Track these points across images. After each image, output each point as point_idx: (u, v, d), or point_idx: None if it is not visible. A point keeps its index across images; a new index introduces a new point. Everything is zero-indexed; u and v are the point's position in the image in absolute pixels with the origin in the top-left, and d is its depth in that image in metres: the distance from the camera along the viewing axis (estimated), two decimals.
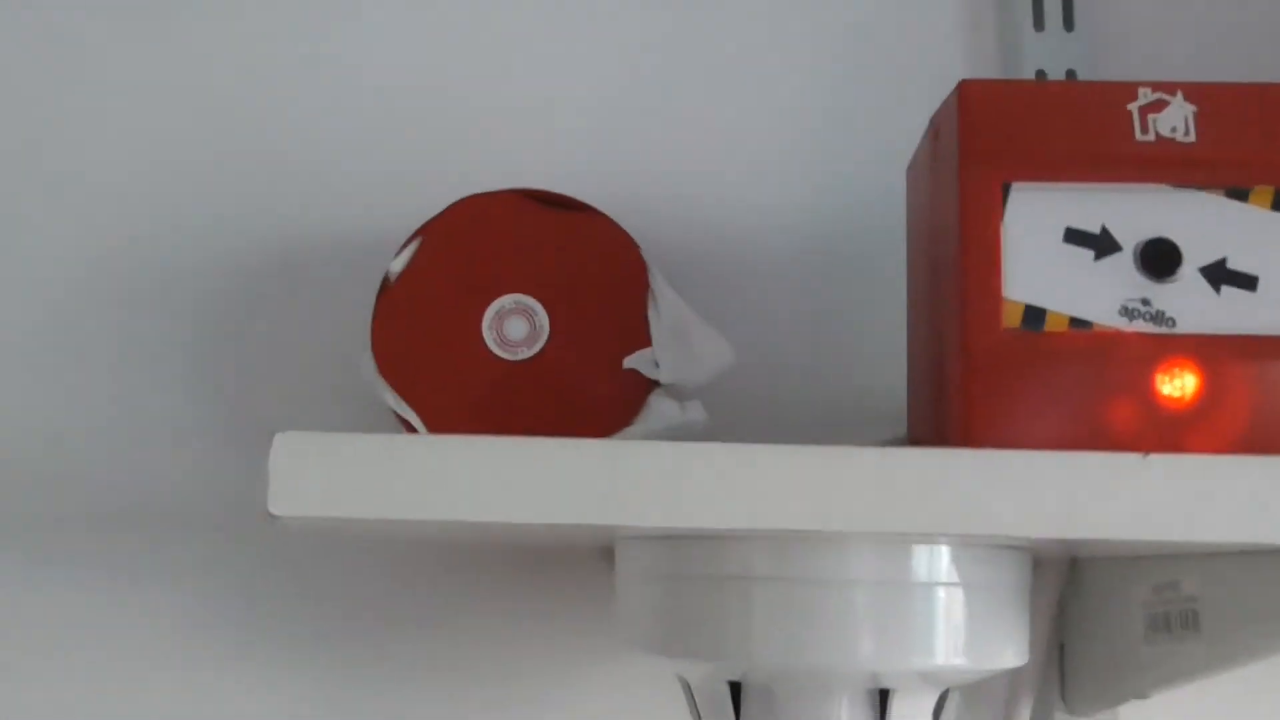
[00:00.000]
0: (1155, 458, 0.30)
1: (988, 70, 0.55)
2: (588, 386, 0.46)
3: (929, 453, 0.32)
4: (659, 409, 0.46)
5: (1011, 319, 0.36)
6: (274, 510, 0.30)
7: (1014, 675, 0.50)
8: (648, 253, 0.47)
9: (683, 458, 0.32)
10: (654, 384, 0.46)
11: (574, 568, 0.50)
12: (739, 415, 0.49)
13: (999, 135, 0.37)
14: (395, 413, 0.46)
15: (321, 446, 0.30)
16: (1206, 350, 0.36)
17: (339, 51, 0.55)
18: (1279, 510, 0.29)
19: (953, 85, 0.42)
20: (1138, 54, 0.56)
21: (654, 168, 0.53)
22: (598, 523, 0.30)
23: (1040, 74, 0.54)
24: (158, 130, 0.54)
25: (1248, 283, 0.37)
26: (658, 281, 0.47)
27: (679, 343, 0.46)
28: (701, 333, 0.47)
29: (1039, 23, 0.55)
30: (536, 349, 0.46)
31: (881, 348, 0.48)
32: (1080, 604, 0.50)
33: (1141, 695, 0.46)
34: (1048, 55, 0.55)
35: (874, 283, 0.50)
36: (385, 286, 0.47)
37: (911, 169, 0.44)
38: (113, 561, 0.51)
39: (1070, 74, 0.54)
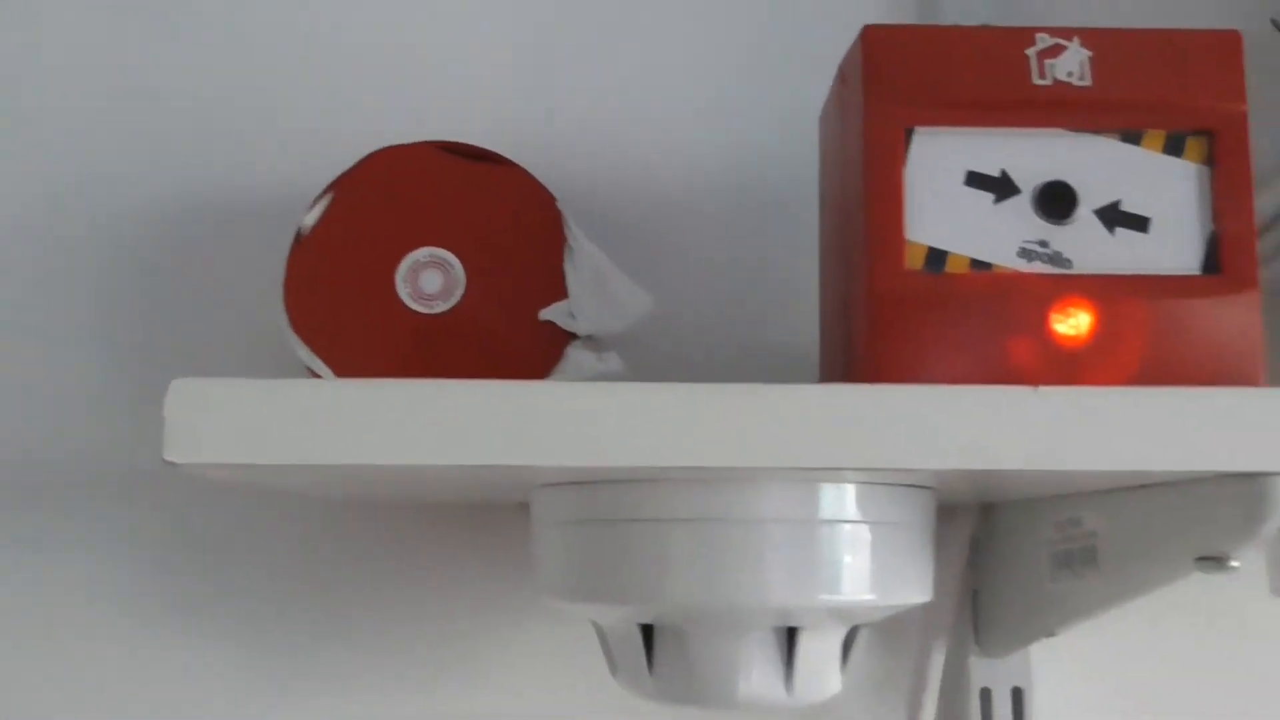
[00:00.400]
0: (1046, 390, 0.30)
1: (903, 20, 0.56)
2: (505, 339, 0.46)
3: (832, 388, 0.32)
4: (576, 360, 0.46)
5: (914, 261, 0.37)
6: (170, 457, 0.30)
7: (927, 618, 0.51)
8: (563, 204, 0.47)
9: (593, 397, 0.32)
10: (571, 335, 0.46)
11: (493, 523, 0.50)
12: (657, 365, 0.49)
13: (902, 80, 0.38)
14: (309, 368, 0.46)
15: (219, 392, 0.30)
16: (1101, 289, 0.37)
17: (253, 4, 0.54)
18: (1164, 439, 0.30)
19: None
20: (1049, 7, 0.56)
21: (568, 118, 0.53)
22: (506, 463, 0.30)
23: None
24: (62, 85, 0.53)
25: (1140, 224, 0.37)
26: (574, 233, 0.47)
27: (596, 293, 0.47)
28: (618, 283, 0.47)
29: None
30: (452, 302, 0.46)
31: (798, 296, 0.48)
32: (991, 547, 0.51)
33: (1049, 633, 0.47)
34: (962, 9, 0.55)
35: (790, 231, 0.50)
36: (298, 241, 0.47)
37: (822, 117, 0.45)
38: (26, 526, 0.50)
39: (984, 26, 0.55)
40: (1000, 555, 0.50)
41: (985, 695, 0.52)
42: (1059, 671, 0.52)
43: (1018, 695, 0.52)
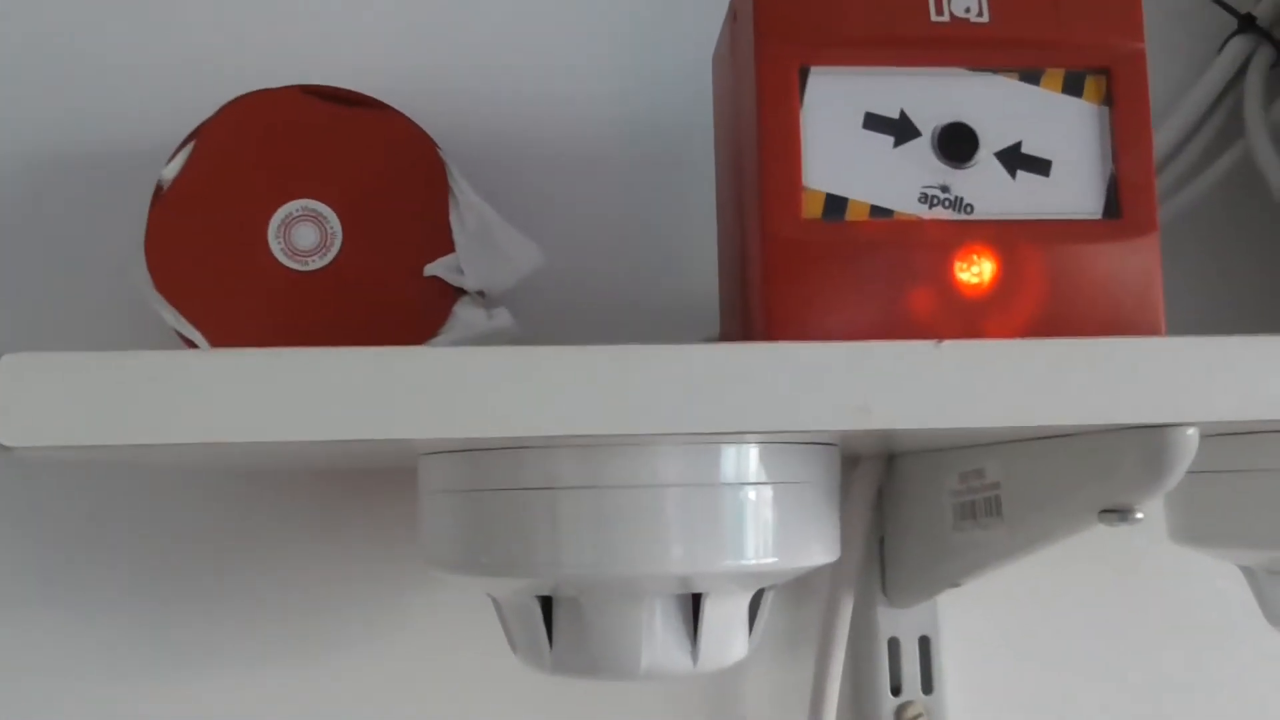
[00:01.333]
0: (948, 344, 0.29)
1: None
2: (388, 296, 0.44)
3: (727, 348, 0.30)
4: (465, 317, 0.44)
5: (812, 209, 0.35)
6: (5, 441, 0.27)
7: (835, 570, 0.50)
8: (447, 152, 0.44)
9: (474, 363, 0.30)
10: (459, 291, 0.44)
11: (379, 488, 0.47)
12: (548, 321, 0.47)
13: (795, 17, 0.36)
14: (176, 331, 0.43)
15: (56, 366, 0.27)
16: (1003, 235, 0.36)
17: None
18: (1068, 393, 0.29)
19: None
20: None
21: (450, 61, 0.50)
22: (372, 437, 0.28)
23: None
24: None
25: (1042, 167, 0.36)
26: (459, 183, 0.44)
27: (484, 247, 0.44)
28: (507, 235, 0.44)
29: None
30: (329, 258, 0.44)
31: (693, 247, 0.47)
32: (897, 497, 0.50)
33: (955, 583, 0.47)
34: None
35: (685, 180, 0.48)
36: (158, 195, 0.43)
37: (715, 58, 0.43)
38: None
39: None
40: (905, 506, 0.49)
41: (894, 645, 0.51)
42: (965, 620, 0.52)
43: (925, 644, 0.52)
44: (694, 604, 0.36)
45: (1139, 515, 0.33)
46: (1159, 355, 0.30)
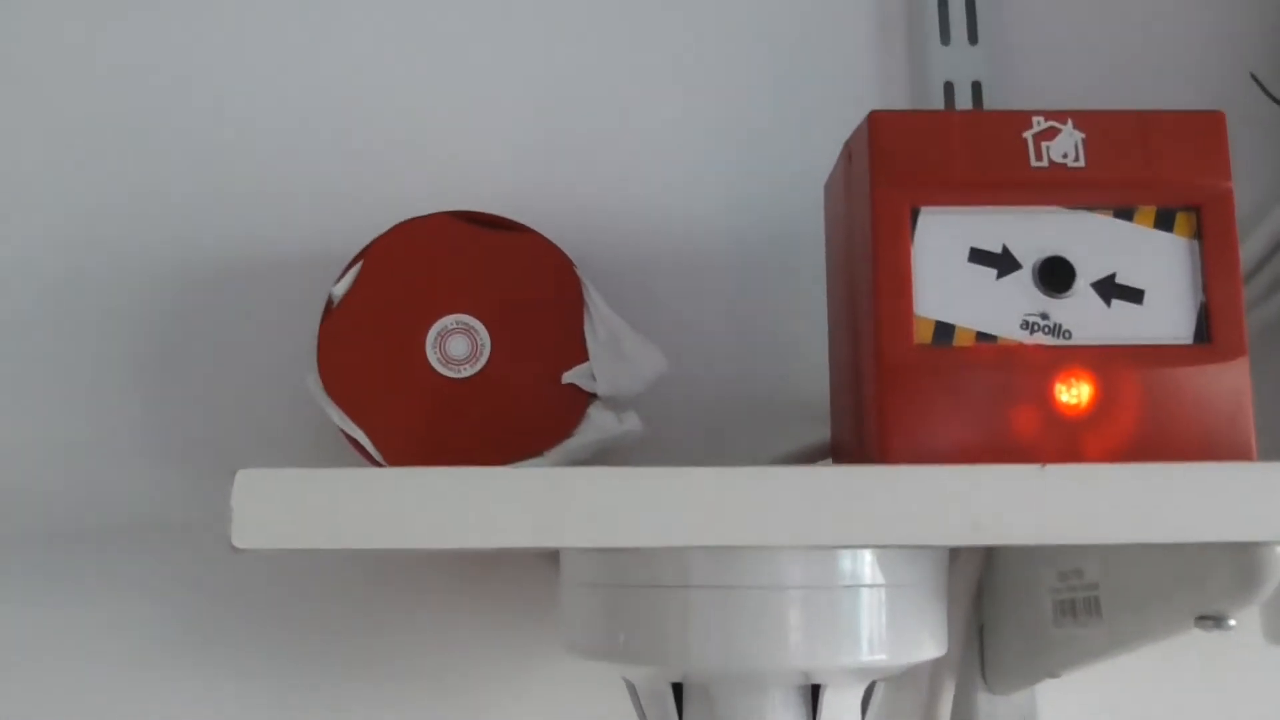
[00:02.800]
0: (1051, 468, 0.33)
1: (898, 83, 0.58)
2: (529, 400, 0.48)
3: (845, 470, 0.34)
4: (598, 420, 0.48)
5: (923, 335, 0.39)
6: (238, 544, 0.32)
7: (936, 660, 0.53)
8: (581, 268, 0.49)
9: (617, 481, 0.34)
10: (592, 396, 0.48)
11: (521, 571, 0.52)
12: (673, 423, 0.51)
13: (907, 163, 0.40)
14: (343, 431, 0.48)
15: (280, 482, 0.32)
16: (1100, 360, 0.39)
17: (288, 75, 0.56)
18: (1162, 513, 0.32)
19: (866, 101, 0.45)
20: (1039, 64, 0.59)
21: (585, 186, 0.55)
22: (545, 545, 0.32)
23: (948, 85, 0.57)
24: (100, 149, 0.55)
25: (1135, 296, 0.40)
26: (592, 296, 0.49)
27: (614, 355, 0.49)
28: (635, 343, 0.49)
29: (945, 37, 0.57)
30: (479, 366, 0.48)
31: (804, 353, 0.50)
32: (997, 589, 0.53)
33: (1054, 674, 0.49)
34: (953, 68, 0.58)
35: (795, 291, 0.53)
36: (329, 309, 0.49)
37: (829, 186, 0.47)
38: (69, 577, 0.52)
39: (976, 85, 0.57)
40: (1005, 597, 0.52)
41: None
42: (1065, 709, 0.54)
43: None
44: (814, 694, 0.39)
45: (1232, 623, 0.35)
46: (1247, 477, 0.33)
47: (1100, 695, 0.54)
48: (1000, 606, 0.53)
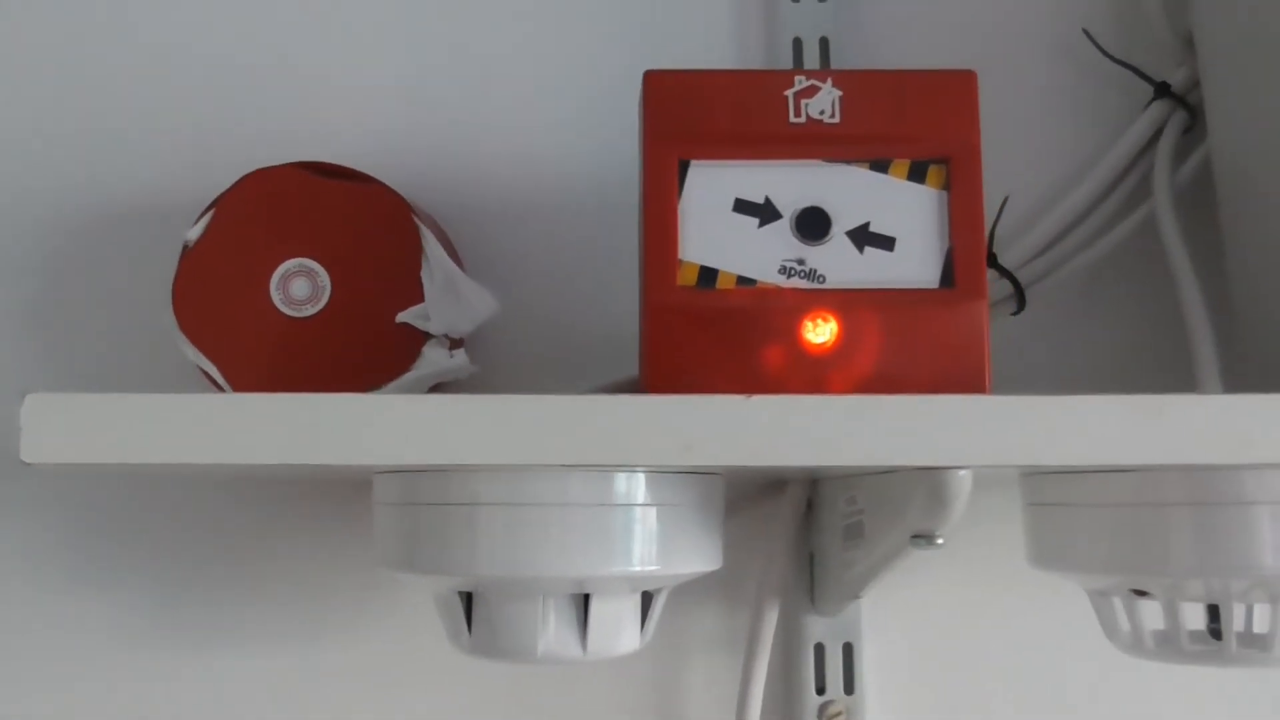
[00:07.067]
0: (756, 399, 0.36)
1: (754, 37, 0.61)
2: (368, 338, 0.52)
3: (602, 399, 0.38)
4: (431, 356, 0.52)
5: (687, 278, 0.43)
6: (25, 459, 0.36)
7: (761, 581, 0.57)
8: (419, 214, 0.53)
9: (418, 407, 0.37)
10: (427, 335, 0.52)
11: (348, 495, 0.56)
12: (501, 359, 0.55)
13: (677, 118, 0.43)
14: (196, 365, 0.52)
15: (63, 402, 0.36)
16: (847, 302, 0.42)
17: (153, 31, 0.59)
18: (853, 440, 0.36)
19: (721, 56, 0.47)
20: (886, 21, 0.61)
21: (428, 137, 0.58)
22: (340, 463, 0.36)
23: (796, 41, 0.60)
24: None
25: (887, 243, 0.43)
26: (429, 242, 0.52)
27: (449, 297, 0.52)
28: (468, 287, 0.52)
29: None
30: (320, 306, 0.52)
31: (623, 297, 0.54)
32: (819, 520, 0.57)
33: (856, 595, 0.53)
34: (802, 24, 0.60)
35: (613, 243, 0.56)
36: (185, 252, 0.53)
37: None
38: None
39: (824, 41, 0.60)
40: (823, 524, 0.56)
41: (819, 650, 0.58)
42: (885, 629, 0.58)
43: (848, 650, 0.58)
44: (585, 603, 0.43)
45: (940, 540, 0.39)
46: (928, 409, 0.36)
47: (918, 618, 0.58)
48: (822, 535, 0.56)
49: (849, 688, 0.58)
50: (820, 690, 0.58)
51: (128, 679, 0.57)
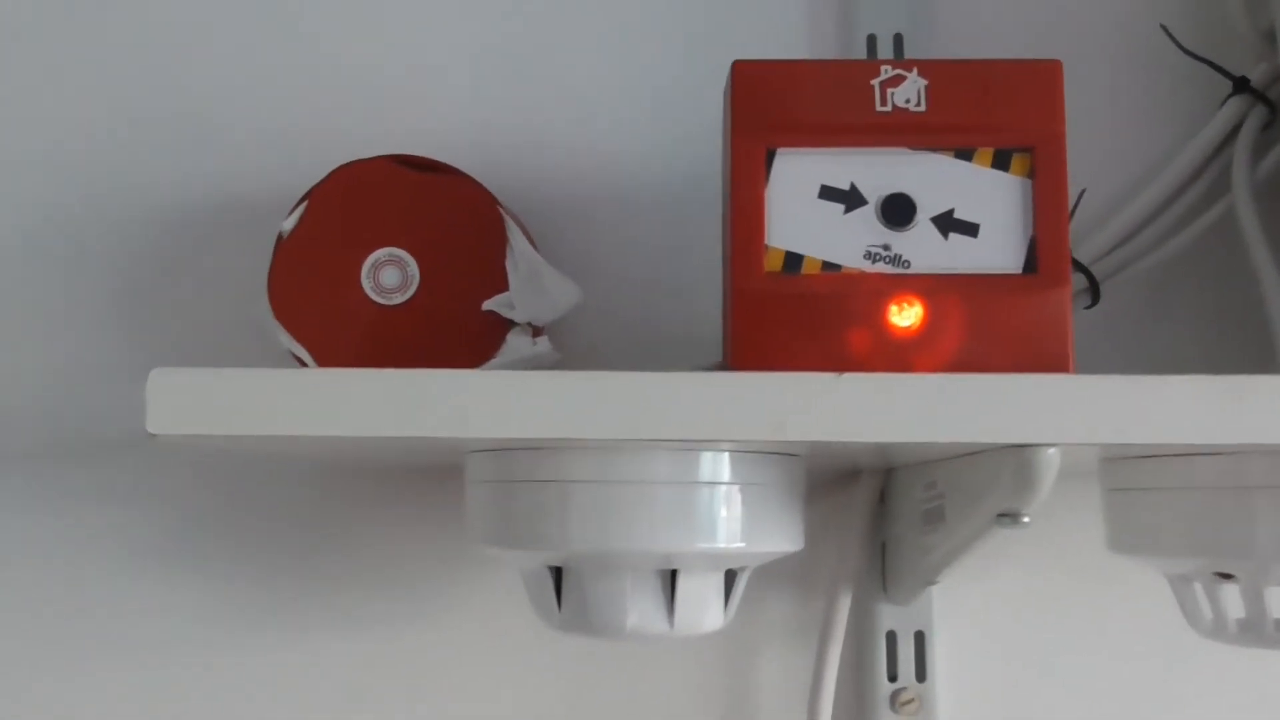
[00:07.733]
0: (847, 376, 0.37)
1: (825, 33, 0.62)
2: (453, 326, 0.54)
3: (693, 376, 0.39)
4: (515, 344, 0.54)
5: (773, 264, 0.44)
6: (151, 430, 0.38)
7: (836, 569, 0.58)
8: (505, 207, 0.54)
9: (511, 383, 0.38)
10: (511, 323, 0.54)
11: (435, 482, 0.58)
12: (583, 348, 0.57)
13: (765, 108, 0.44)
14: (290, 351, 0.54)
15: (188, 377, 0.38)
16: (932, 286, 0.43)
17: (241, 30, 0.62)
18: (939, 417, 0.37)
19: (795, 52, 0.48)
20: (960, 18, 0.62)
21: (512, 132, 0.60)
22: (438, 435, 0.37)
23: (871, 38, 0.61)
24: (71, 103, 0.61)
25: (971, 230, 0.44)
26: (514, 233, 0.54)
27: (533, 286, 0.54)
28: (552, 277, 0.54)
29: None
30: (409, 295, 0.54)
31: (705, 290, 0.55)
32: (893, 508, 0.57)
33: (931, 582, 0.54)
34: (877, 21, 0.61)
35: (699, 235, 0.57)
36: (279, 242, 0.55)
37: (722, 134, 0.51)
38: (53, 491, 0.59)
39: (898, 37, 0.61)
40: (897, 512, 0.57)
41: (891, 638, 0.58)
42: (958, 618, 0.58)
43: (920, 638, 0.58)
44: (673, 579, 0.44)
45: (1026, 519, 0.40)
46: (1018, 386, 0.37)
47: (991, 607, 0.58)
48: (896, 523, 0.57)
49: (921, 675, 0.58)
50: (892, 678, 0.58)
51: (223, 662, 0.58)
